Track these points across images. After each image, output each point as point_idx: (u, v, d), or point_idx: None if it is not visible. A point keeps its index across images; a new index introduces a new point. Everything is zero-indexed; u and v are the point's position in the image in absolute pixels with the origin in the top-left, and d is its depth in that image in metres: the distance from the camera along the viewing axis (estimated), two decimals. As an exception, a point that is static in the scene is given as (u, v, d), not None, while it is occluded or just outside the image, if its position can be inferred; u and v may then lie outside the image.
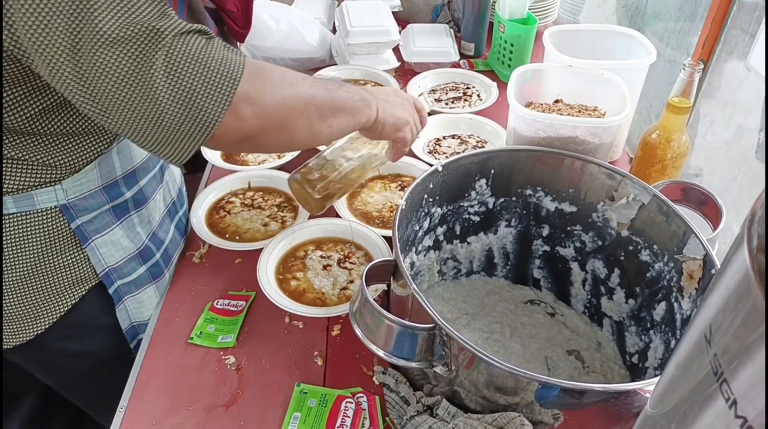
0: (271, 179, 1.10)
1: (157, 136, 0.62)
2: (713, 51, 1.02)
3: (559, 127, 0.88)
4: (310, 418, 0.74)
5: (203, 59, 0.61)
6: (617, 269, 0.85)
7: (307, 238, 0.97)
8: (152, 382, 0.79)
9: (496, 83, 1.41)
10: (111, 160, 0.80)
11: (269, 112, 0.67)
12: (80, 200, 0.77)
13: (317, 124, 0.74)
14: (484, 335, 0.88)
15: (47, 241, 0.77)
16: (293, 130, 0.71)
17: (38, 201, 0.74)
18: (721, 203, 0.79)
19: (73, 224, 0.78)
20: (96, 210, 0.80)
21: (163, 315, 0.89)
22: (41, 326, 0.81)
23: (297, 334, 0.86)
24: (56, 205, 0.76)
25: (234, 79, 0.63)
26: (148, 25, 0.57)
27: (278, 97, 0.68)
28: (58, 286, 0.80)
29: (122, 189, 0.83)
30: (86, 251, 0.80)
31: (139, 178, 0.86)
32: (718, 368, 0.29)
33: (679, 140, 0.95)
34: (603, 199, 0.84)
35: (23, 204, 0.73)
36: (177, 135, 0.63)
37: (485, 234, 0.94)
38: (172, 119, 0.61)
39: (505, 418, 0.64)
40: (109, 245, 0.83)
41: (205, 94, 0.61)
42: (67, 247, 0.79)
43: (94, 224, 0.80)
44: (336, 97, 0.76)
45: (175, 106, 0.60)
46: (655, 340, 0.78)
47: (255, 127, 0.67)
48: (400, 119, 0.86)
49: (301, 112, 0.71)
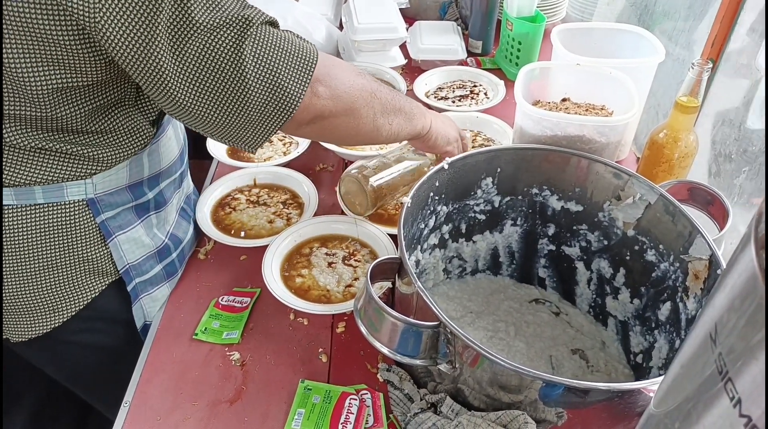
0: (276, 176, 1.10)
1: (241, 119, 0.68)
2: (722, 50, 1.02)
3: (566, 125, 0.88)
4: (314, 414, 0.74)
5: (284, 45, 0.67)
6: (623, 269, 0.85)
7: (312, 235, 0.97)
8: (157, 378, 0.80)
9: (503, 81, 1.40)
10: (141, 161, 0.82)
11: (340, 95, 0.73)
12: (107, 196, 0.79)
13: (380, 118, 0.79)
14: (488, 334, 0.88)
15: (72, 234, 0.78)
16: (359, 117, 0.77)
17: (68, 193, 0.76)
18: (728, 203, 0.79)
19: (98, 219, 0.79)
20: (120, 207, 0.82)
21: (168, 311, 0.89)
22: (60, 318, 0.82)
23: (302, 330, 0.86)
24: (84, 198, 0.77)
25: (311, 61, 0.69)
26: (237, 14, 0.63)
27: (348, 82, 0.74)
28: (80, 279, 0.81)
29: (145, 189, 0.85)
30: (109, 247, 0.82)
31: (160, 181, 0.88)
32: (723, 367, 0.28)
33: (686, 140, 0.94)
34: (609, 198, 0.84)
35: (53, 195, 0.75)
36: (260, 116, 0.68)
37: (491, 233, 0.94)
38: (258, 100, 0.67)
39: (509, 416, 0.64)
40: (131, 242, 0.84)
41: (287, 75, 0.67)
42: (90, 240, 0.80)
43: (117, 220, 0.82)
44: (396, 98, 0.82)
45: (261, 88, 0.66)
46: (660, 339, 0.78)
47: (327, 107, 0.73)
48: (450, 134, 0.92)
49: (367, 101, 0.77)
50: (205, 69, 0.63)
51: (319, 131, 0.77)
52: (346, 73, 0.75)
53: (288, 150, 1.19)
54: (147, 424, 0.74)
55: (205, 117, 0.67)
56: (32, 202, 0.74)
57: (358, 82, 0.76)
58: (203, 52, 0.62)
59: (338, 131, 0.78)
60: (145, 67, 0.62)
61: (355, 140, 0.89)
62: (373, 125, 0.79)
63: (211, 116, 0.67)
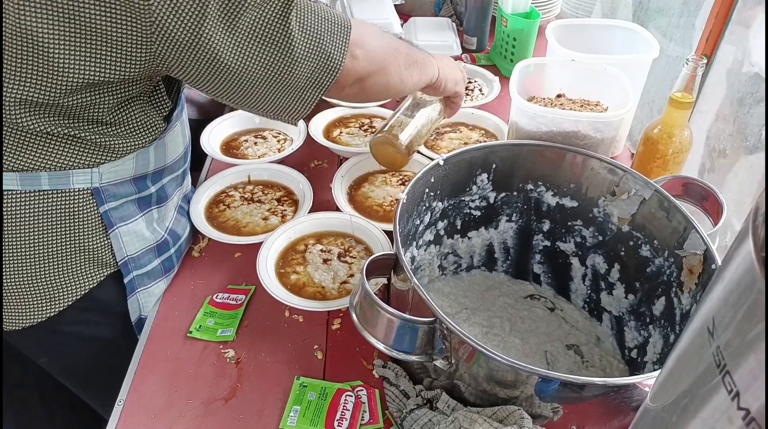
0: (271, 173, 1.10)
1: (290, 87, 0.74)
2: (716, 46, 1.02)
3: (561, 121, 0.88)
4: (309, 411, 0.74)
5: (322, 14, 0.73)
6: (617, 264, 0.85)
7: (307, 231, 0.97)
8: (151, 376, 0.79)
9: (498, 78, 1.40)
10: (148, 154, 0.82)
11: (374, 55, 0.80)
12: (111, 186, 0.80)
13: (404, 72, 0.85)
14: (483, 329, 0.88)
15: (75, 222, 0.78)
16: (389, 74, 0.83)
17: (74, 181, 0.76)
18: (722, 199, 0.79)
19: (102, 208, 0.80)
20: (123, 198, 0.82)
21: (162, 308, 0.89)
22: (57, 307, 0.81)
23: (297, 327, 0.86)
24: (89, 187, 0.77)
25: (347, 26, 0.75)
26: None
27: (378, 42, 0.81)
28: (79, 268, 0.81)
29: (148, 183, 0.86)
30: (110, 237, 0.82)
31: (164, 176, 0.89)
32: (721, 360, 0.28)
33: (681, 135, 0.95)
34: (604, 194, 0.84)
35: (59, 182, 0.75)
36: (307, 83, 0.74)
37: (486, 229, 0.94)
38: (306, 67, 0.73)
39: (505, 411, 0.64)
40: (131, 234, 0.84)
41: (330, 42, 0.73)
42: (92, 230, 0.80)
43: (120, 212, 0.82)
44: (412, 50, 0.88)
45: (308, 55, 0.72)
46: (654, 335, 0.78)
47: (365, 68, 0.79)
48: (456, 75, 0.98)
49: (394, 57, 0.83)
50: (257, 41, 0.68)
51: (357, 92, 0.83)
52: (375, 34, 0.81)
53: (282, 147, 1.19)
54: (141, 422, 0.73)
55: (255, 90, 0.72)
56: (37, 189, 0.74)
57: (384, 40, 0.82)
58: (254, 26, 0.67)
59: (372, 90, 0.84)
60: (196, 49, 0.66)
61: (384, 96, 0.98)
62: (399, 80, 0.85)
63: (262, 88, 0.73)
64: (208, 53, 0.67)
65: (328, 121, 1.25)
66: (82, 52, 0.64)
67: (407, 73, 0.86)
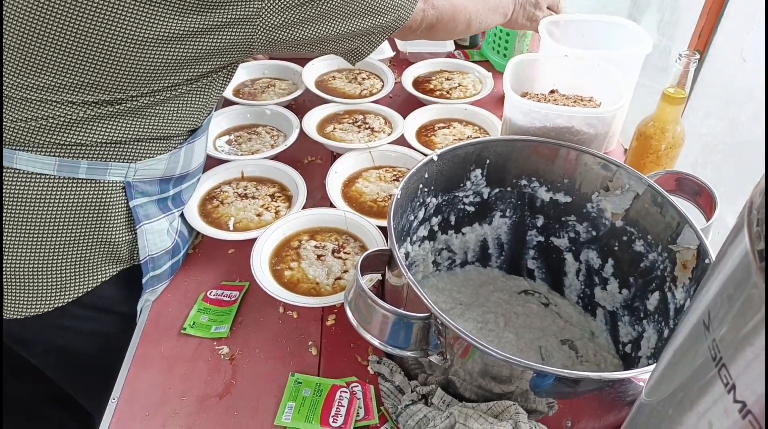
0: (264, 168, 1.10)
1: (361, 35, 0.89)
2: (709, 41, 1.02)
3: (554, 117, 0.88)
4: (304, 407, 0.73)
5: None
6: (611, 259, 0.86)
7: (301, 227, 0.97)
8: (145, 373, 0.79)
9: (491, 73, 1.40)
10: (179, 157, 0.85)
11: (442, 5, 0.97)
12: (141, 183, 0.82)
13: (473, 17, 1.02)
14: (478, 325, 0.88)
15: (104, 214, 0.79)
16: (457, 21, 1.00)
17: (110, 172, 0.78)
18: (715, 193, 0.80)
19: (132, 203, 0.81)
20: (148, 197, 0.84)
21: (155, 305, 0.89)
22: (65, 298, 0.81)
23: (291, 324, 0.86)
24: (123, 180, 0.79)
25: None
26: None
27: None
28: (95, 261, 0.82)
29: (170, 186, 0.88)
30: (136, 233, 0.83)
31: (184, 182, 0.92)
32: (717, 353, 0.29)
33: (673, 131, 0.95)
34: (598, 189, 0.84)
35: (95, 172, 0.77)
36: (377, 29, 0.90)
37: (480, 224, 0.94)
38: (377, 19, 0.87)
39: (500, 406, 0.64)
40: (155, 233, 0.85)
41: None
42: (119, 223, 0.81)
43: (145, 209, 0.83)
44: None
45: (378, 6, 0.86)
46: (648, 329, 0.78)
47: (434, 16, 0.96)
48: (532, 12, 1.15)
49: (464, 5, 1.00)
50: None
51: (426, 35, 0.98)
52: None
53: (276, 142, 1.18)
54: (135, 419, 0.73)
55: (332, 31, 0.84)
56: (73, 176, 0.76)
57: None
58: None
59: (439, 35, 0.99)
60: None
61: (450, 37, 1.09)
62: (466, 25, 1.01)
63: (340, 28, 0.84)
64: None
65: (321, 117, 1.25)
66: None
67: (475, 17, 1.00)
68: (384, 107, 1.27)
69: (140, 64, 0.72)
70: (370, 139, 1.17)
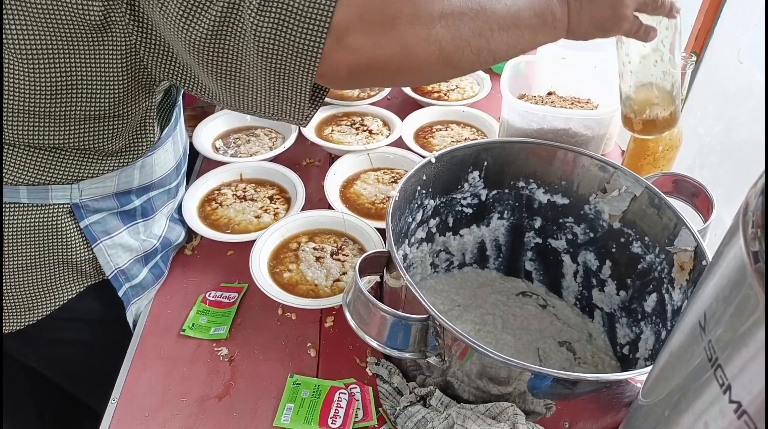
0: (263, 171, 1.10)
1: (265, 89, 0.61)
2: (706, 43, 1.03)
3: (552, 119, 0.89)
4: (303, 409, 0.74)
5: None
6: (608, 261, 0.86)
7: (299, 229, 0.97)
8: (144, 374, 0.79)
9: (489, 76, 1.40)
10: (132, 172, 0.80)
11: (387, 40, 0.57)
12: (92, 202, 0.78)
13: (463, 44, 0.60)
14: (476, 327, 0.88)
15: (54, 236, 0.77)
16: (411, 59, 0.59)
17: (52, 196, 0.75)
18: (713, 195, 0.80)
19: (82, 223, 0.78)
20: (104, 212, 0.81)
21: (155, 307, 0.89)
22: (35, 317, 0.80)
23: (290, 325, 0.86)
24: (68, 202, 0.76)
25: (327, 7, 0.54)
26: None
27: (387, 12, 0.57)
28: (58, 280, 0.80)
29: (132, 197, 0.84)
30: (94, 251, 0.80)
31: (151, 190, 0.87)
32: (713, 354, 0.29)
33: (671, 132, 0.95)
34: (595, 191, 0.84)
35: (37, 196, 0.74)
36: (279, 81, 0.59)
37: (478, 226, 0.94)
38: (268, 64, 0.57)
39: (498, 407, 0.64)
40: (117, 247, 0.83)
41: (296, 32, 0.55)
42: (73, 244, 0.78)
43: (102, 225, 0.80)
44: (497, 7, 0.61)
45: (270, 48, 0.56)
46: (646, 331, 0.79)
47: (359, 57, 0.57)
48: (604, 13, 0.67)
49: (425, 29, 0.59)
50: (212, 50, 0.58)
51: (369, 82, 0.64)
52: None
53: (274, 145, 1.18)
54: (135, 420, 0.73)
55: (230, 99, 0.64)
56: (15, 201, 0.73)
57: None
58: None
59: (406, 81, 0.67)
60: None
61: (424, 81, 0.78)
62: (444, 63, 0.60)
63: (234, 96, 0.63)
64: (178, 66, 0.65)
65: (319, 119, 1.25)
66: None
67: (477, 39, 0.58)
68: (382, 109, 1.27)
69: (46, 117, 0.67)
70: (368, 141, 1.17)
